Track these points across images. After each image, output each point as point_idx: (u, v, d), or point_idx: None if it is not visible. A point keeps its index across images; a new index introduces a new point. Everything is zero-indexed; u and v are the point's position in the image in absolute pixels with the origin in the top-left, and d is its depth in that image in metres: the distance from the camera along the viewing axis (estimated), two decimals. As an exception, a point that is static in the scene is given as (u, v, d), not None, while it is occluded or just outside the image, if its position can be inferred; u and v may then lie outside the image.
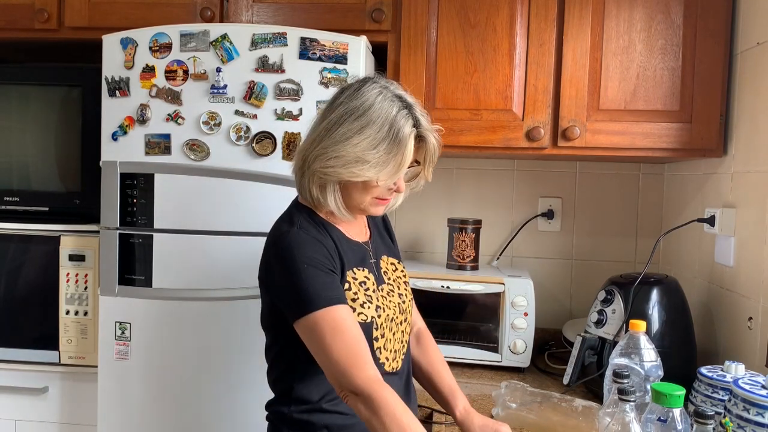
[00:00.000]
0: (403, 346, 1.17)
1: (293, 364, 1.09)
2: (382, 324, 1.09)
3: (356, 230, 1.16)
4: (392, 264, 1.21)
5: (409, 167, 1.06)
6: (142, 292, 1.52)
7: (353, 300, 1.05)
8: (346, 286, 1.06)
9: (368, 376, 0.96)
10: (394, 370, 1.13)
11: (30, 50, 1.95)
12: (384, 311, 1.10)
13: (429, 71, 1.65)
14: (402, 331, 1.15)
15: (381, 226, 1.27)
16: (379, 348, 1.09)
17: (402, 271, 1.22)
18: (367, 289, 1.09)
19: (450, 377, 1.23)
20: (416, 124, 1.03)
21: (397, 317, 1.13)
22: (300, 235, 1.03)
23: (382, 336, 1.09)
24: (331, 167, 1.01)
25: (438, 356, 1.27)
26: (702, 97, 1.55)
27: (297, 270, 0.99)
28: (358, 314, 1.05)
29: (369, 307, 1.07)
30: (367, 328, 1.06)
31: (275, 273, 1.04)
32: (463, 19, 1.63)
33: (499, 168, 2.05)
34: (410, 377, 1.21)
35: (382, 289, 1.13)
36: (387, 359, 1.11)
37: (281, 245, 1.03)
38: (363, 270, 1.11)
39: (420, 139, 1.04)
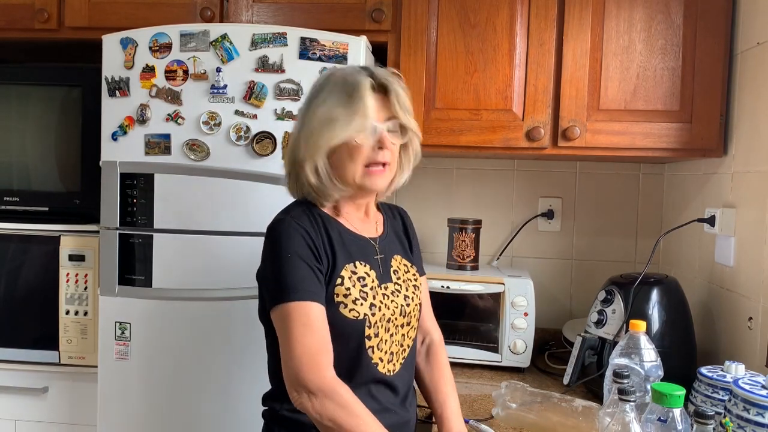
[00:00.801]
0: (404, 350, 1.14)
1: None
2: (375, 323, 1.07)
3: (364, 225, 1.15)
4: (405, 265, 1.19)
5: (387, 120, 1.05)
6: (142, 292, 1.52)
7: (345, 296, 1.04)
8: (339, 280, 1.05)
9: (328, 376, 0.98)
10: (390, 373, 1.10)
11: (30, 50, 1.95)
12: (380, 310, 1.08)
13: (429, 71, 1.65)
14: (403, 335, 1.13)
15: (401, 229, 1.25)
16: (371, 347, 1.07)
17: (414, 275, 1.20)
18: (365, 285, 1.08)
19: (445, 399, 1.19)
20: (372, 75, 1.05)
21: (396, 319, 1.11)
22: (291, 225, 1.04)
23: (376, 335, 1.07)
24: (313, 143, 1.04)
25: (442, 376, 1.22)
26: (702, 97, 1.55)
27: (281, 258, 1.01)
28: (350, 310, 1.04)
29: (362, 305, 1.05)
30: (359, 325, 1.05)
31: (264, 260, 1.06)
32: (463, 19, 1.63)
33: (499, 168, 2.05)
34: (410, 387, 1.18)
35: (386, 288, 1.11)
36: (381, 360, 1.09)
37: (272, 233, 1.05)
38: (365, 265, 1.10)
39: (383, 89, 1.05)
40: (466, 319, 1.76)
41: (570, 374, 1.47)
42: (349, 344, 1.05)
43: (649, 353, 1.18)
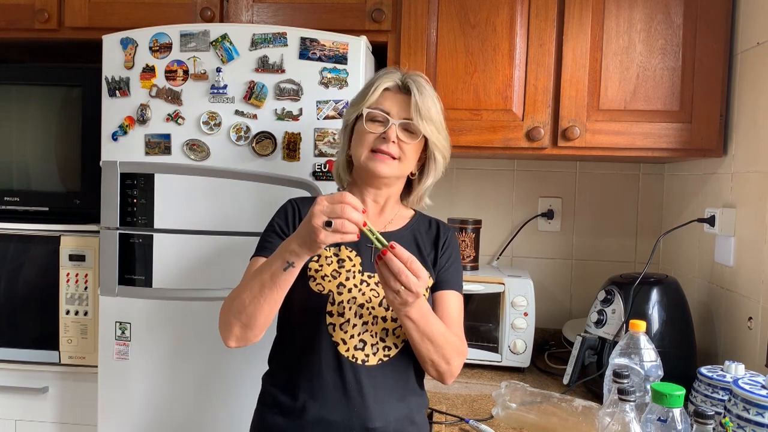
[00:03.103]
0: (388, 347, 1.14)
1: (276, 337, 1.22)
2: (341, 302, 1.11)
3: (371, 218, 1.21)
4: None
5: (405, 119, 1.14)
6: (142, 292, 1.52)
7: (317, 271, 1.14)
8: (316, 257, 1.14)
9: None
10: (358, 362, 1.11)
11: (30, 50, 1.95)
12: (350, 292, 1.12)
13: (429, 71, 1.65)
14: (385, 329, 1.13)
15: (428, 239, 1.23)
16: (333, 324, 1.11)
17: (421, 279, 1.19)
18: (342, 267, 1.14)
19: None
20: (401, 78, 1.17)
21: (373, 308, 1.12)
22: (288, 203, 1.22)
23: (340, 314, 1.11)
24: (341, 134, 1.25)
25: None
26: (702, 97, 1.55)
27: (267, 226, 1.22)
28: (316, 284, 1.13)
29: (330, 281, 1.13)
30: (321, 299, 1.12)
31: None
32: (463, 19, 1.63)
33: (499, 168, 2.05)
34: (393, 393, 1.14)
35: (369, 276, 1.15)
36: (344, 341, 1.11)
37: None
38: (351, 251, 1.17)
39: (408, 91, 1.16)
40: (466, 319, 1.74)
41: (570, 374, 1.47)
42: (312, 316, 1.12)
43: (649, 353, 1.18)
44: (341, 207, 0.93)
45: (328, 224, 0.92)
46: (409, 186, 1.26)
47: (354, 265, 1.15)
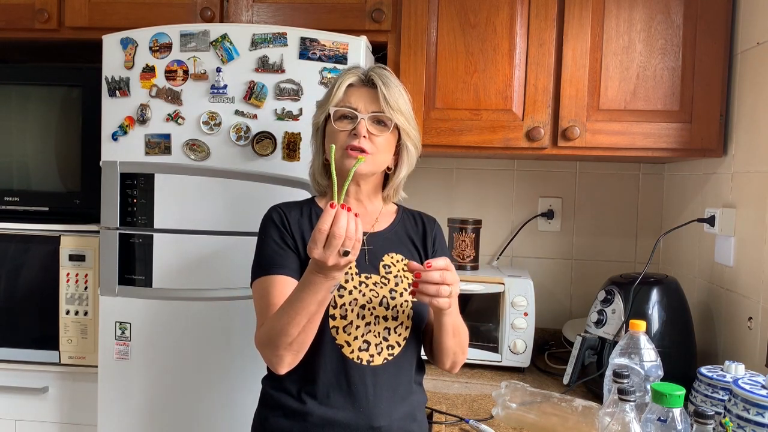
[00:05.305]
0: (391, 346, 1.14)
1: None
2: (343, 305, 1.11)
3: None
4: (406, 265, 1.19)
5: (373, 113, 1.13)
6: (142, 292, 1.52)
7: None
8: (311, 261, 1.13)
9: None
10: (363, 362, 1.11)
11: (30, 50, 1.95)
12: (350, 294, 1.12)
13: (429, 71, 1.65)
14: (387, 328, 1.13)
15: (417, 235, 1.24)
16: (336, 327, 1.11)
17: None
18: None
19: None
20: (364, 72, 1.17)
21: (375, 308, 1.13)
22: (272, 210, 1.19)
23: (343, 317, 1.11)
24: (312, 139, 1.23)
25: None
26: (702, 97, 1.56)
27: (258, 240, 1.18)
28: None
29: None
30: None
31: None
32: (463, 20, 1.63)
33: (499, 168, 2.05)
34: (398, 392, 1.15)
35: (367, 278, 1.14)
36: (348, 343, 1.11)
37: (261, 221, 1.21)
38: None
39: (372, 84, 1.15)
40: (466, 318, 1.73)
41: (570, 374, 1.47)
42: None
43: (649, 353, 1.18)
44: (332, 237, 0.89)
45: (345, 253, 0.91)
46: (385, 180, 1.25)
47: (350, 268, 1.14)
